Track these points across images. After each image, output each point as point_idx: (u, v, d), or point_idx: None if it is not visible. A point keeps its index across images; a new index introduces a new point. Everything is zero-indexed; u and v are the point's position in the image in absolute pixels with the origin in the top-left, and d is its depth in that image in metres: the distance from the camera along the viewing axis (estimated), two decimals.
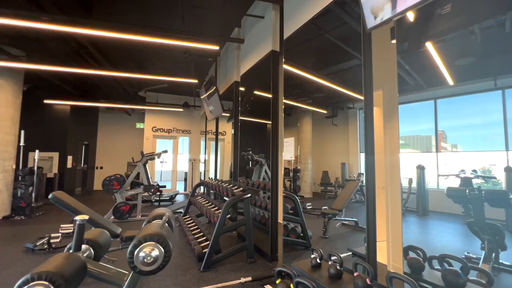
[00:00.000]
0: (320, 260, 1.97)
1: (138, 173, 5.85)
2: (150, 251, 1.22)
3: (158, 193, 6.47)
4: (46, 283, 1.00)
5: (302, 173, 7.34)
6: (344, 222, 4.42)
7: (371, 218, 1.81)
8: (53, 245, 3.41)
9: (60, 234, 3.55)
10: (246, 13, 4.39)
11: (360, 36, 2.01)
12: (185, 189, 9.47)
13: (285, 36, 3.21)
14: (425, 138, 4.06)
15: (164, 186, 7.00)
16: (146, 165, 5.50)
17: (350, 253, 2.50)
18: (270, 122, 3.30)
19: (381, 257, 1.85)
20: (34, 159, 5.94)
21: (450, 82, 3.09)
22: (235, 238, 4.13)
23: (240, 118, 4.44)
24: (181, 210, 5.66)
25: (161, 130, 9.21)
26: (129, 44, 5.21)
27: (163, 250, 1.25)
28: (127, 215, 5.06)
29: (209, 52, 5.68)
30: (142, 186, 5.44)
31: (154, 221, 1.60)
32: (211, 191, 5.68)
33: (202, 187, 5.85)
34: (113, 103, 8.45)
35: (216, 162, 5.76)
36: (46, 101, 7.63)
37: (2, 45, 5.15)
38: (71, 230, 3.93)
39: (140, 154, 5.54)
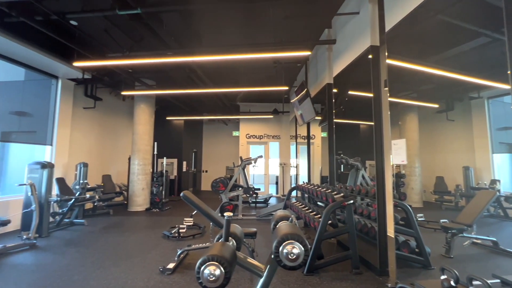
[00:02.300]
0: (456, 283, 1.66)
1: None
2: (292, 249, 1.37)
3: (255, 195, 6.99)
4: (217, 263, 1.32)
5: (408, 179, 6.38)
6: (476, 240, 3.55)
7: None
8: (182, 234, 4.22)
9: (185, 226, 4.36)
10: (337, 13, 4.26)
11: (496, 8, 1.61)
12: (276, 192, 9.85)
13: (387, 28, 2.92)
14: None
15: (259, 189, 7.49)
16: (244, 169, 6.06)
17: (497, 280, 1.98)
18: (372, 123, 3.05)
19: None
20: (163, 164, 7.53)
21: None
22: (335, 245, 3.98)
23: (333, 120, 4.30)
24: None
25: (253, 136, 9.95)
26: (227, 62, 5.94)
27: (303, 249, 1.41)
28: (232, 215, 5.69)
29: (298, 58, 5.79)
30: (241, 189, 6.01)
31: (284, 222, 1.77)
32: (306, 195, 5.71)
33: (295, 191, 5.95)
34: (214, 115, 9.78)
35: (309, 167, 5.75)
36: (168, 118, 9.59)
37: (143, 78, 6.83)
38: (191, 223, 4.74)
39: (239, 159, 6.15)
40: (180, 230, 4.22)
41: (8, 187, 5.32)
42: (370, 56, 3.13)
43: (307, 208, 4.04)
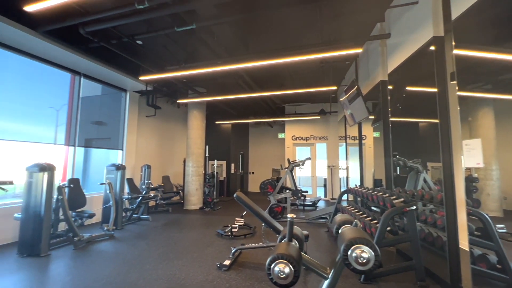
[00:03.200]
0: None
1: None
2: (361, 253, 1.37)
3: (302, 197, 6.91)
4: (286, 261, 1.40)
5: (482, 183, 5.54)
6: None
7: None
8: (234, 234, 4.42)
9: (237, 225, 4.56)
10: (391, 5, 3.98)
11: None
12: (325, 195, 9.55)
13: (454, 16, 2.63)
14: None
15: (307, 192, 7.38)
16: (292, 171, 6.05)
17: None
18: (436, 120, 2.77)
19: None
20: (213, 167, 7.98)
21: None
22: (394, 254, 3.70)
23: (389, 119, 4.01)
24: (326, 216, 5.76)
25: (300, 138, 9.85)
26: (273, 66, 6.00)
27: (373, 254, 1.41)
28: (279, 216, 5.74)
29: (347, 56, 5.57)
30: (290, 191, 6.01)
31: (347, 227, 1.77)
32: (358, 199, 5.42)
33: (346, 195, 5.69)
34: (259, 118, 9.98)
35: (361, 169, 5.45)
36: (217, 122, 10.14)
37: (195, 87, 7.37)
38: (242, 223, 4.93)
39: (287, 161, 6.17)
40: (233, 230, 4.43)
41: (90, 186, 6.29)
42: (432, 48, 2.85)
43: (361, 212, 3.85)
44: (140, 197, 5.77)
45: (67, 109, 5.66)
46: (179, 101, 7.32)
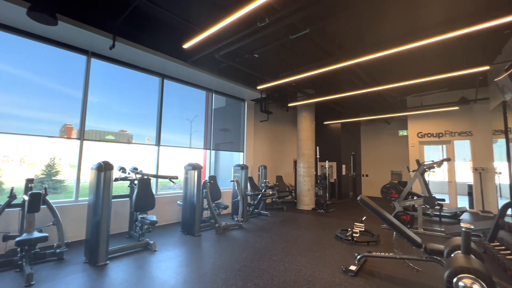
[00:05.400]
0: None
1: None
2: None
3: (438, 207, 5.72)
4: (473, 277, 1.21)
5: None
6: None
7: None
8: (355, 239, 4.19)
9: (358, 231, 4.29)
10: None
11: None
12: (470, 206, 7.50)
13: None
14: None
15: (443, 200, 6.03)
16: (424, 175, 5.10)
17: None
18: None
19: None
20: (323, 168, 7.85)
21: None
22: None
23: None
24: (479, 233, 4.50)
25: (429, 135, 8.19)
26: (391, 56, 5.28)
27: None
28: (408, 226, 4.96)
29: (503, 25, 4.18)
30: (418, 198, 5.10)
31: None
32: None
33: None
34: (373, 115, 9.01)
35: None
36: (325, 122, 9.93)
37: (304, 89, 7.52)
38: (363, 229, 4.58)
39: (416, 162, 5.26)
40: (354, 235, 4.20)
41: (220, 182, 7.55)
42: None
43: None
44: (260, 194, 6.42)
45: (204, 119, 7.04)
46: (290, 104, 7.67)
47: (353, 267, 3.06)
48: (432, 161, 5.04)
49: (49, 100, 4.31)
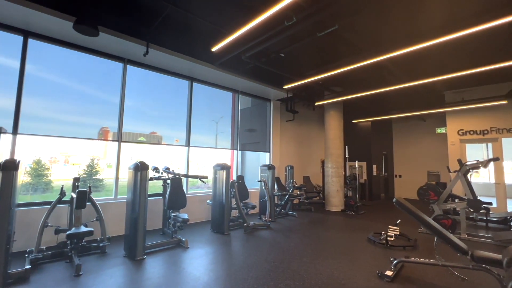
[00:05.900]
0: None
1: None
2: None
3: (485, 211, 5.24)
4: None
5: None
6: None
7: None
8: (389, 243, 3.98)
9: (393, 234, 4.07)
10: None
11: None
12: None
13: None
14: None
15: (490, 203, 5.49)
16: (467, 175, 4.69)
17: None
18: None
19: None
20: (352, 168, 7.56)
21: None
22: None
23: None
24: None
25: (471, 132, 7.52)
26: (426, 49, 4.91)
27: None
28: (449, 231, 4.59)
29: None
30: (461, 200, 4.70)
31: None
32: None
33: None
34: (406, 112, 8.50)
35: None
36: (354, 121, 9.57)
37: (331, 87, 7.31)
38: (398, 232, 4.34)
39: (458, 162, 4.86)
40: (388, 238, 3.99)
41: (246, 182, 7.61)
42: None
43: None
44: (288, 195, 6.36)
45: (230, 120, 7.15)
46: (317, 103, 7.50)
47: (389, 272, 2.91)
48: (477, 160, 4.61)
49: (90, 105, 4.66)
